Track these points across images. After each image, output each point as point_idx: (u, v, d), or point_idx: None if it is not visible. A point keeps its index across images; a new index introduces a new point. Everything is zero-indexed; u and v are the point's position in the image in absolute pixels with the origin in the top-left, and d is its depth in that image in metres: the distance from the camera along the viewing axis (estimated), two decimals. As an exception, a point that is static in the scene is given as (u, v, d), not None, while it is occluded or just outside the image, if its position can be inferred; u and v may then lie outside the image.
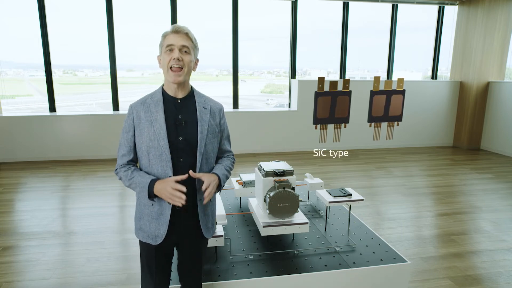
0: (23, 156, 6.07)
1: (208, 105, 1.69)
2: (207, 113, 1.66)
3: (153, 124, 1.58)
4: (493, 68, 7.04)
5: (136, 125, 1.61)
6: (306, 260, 2.25)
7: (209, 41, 7.17)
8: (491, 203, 4.39)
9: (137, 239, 1.73)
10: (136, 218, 1.70)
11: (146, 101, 1.63)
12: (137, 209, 1.70)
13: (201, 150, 1.60)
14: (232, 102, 6.93)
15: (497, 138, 7.01)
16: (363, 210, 4.08)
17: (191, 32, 1.61)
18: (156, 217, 1.61)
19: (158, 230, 1.61)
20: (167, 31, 1.59)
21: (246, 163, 6.06)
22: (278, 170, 2.29)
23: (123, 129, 1.65)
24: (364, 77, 8.07)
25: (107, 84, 6.42)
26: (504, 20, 6.74)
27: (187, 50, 1.57)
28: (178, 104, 1.63)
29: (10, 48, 6.51)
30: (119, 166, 1.65)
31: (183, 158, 1.59)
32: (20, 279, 2.73)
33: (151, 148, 1.57)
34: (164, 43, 1.58)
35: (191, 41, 1.59)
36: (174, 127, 1.59)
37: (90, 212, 3.97)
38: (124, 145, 1.64)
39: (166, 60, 1.56)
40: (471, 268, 2.94)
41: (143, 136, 1.59)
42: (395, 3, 7.11)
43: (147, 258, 1.70)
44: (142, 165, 1.65)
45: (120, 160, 1.66)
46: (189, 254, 1.73)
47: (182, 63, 1.56)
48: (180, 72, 1.56)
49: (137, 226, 1.69)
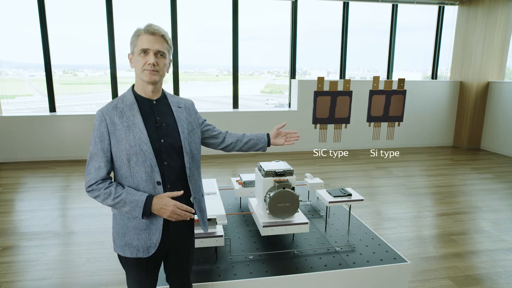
0: (23, 156, 6.07)
1: (182, 104, 1.65)
2: (183, 112, 1.62)
3: (131, 129, 1.46)
4: (493, 68, 7.04)
5: (111, 132, 1.46)
6: (306, 260, 2.25)
7: (209, 41, 7.18)
8: (491, 203, 4.39)
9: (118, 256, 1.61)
10: (118, 234, 1.54)
11: (118, 105, 1.50)
12: (118, 224, 1.54)
13: (187, 150, 1.57)
14: (232, 102, 6.93)
15: (497, 138, 7.01)
16: (363, 210, 4.08)
17: (167, 33, 1.51)
18: (145, 227, 1.51)
19: (150, 240, 1.51)
20: (140, 30, 1.48)
21: (246, 163, 6.06)
22: (278, 170, 2.29)
23: (94, 139, 1.47)
24: (364, 77, 8.07)
25: (107, 84, 6.42)
26: (504, 20, 6.74)
27: (162, 54, 1.49)
28: (155, 106, 1.55)
29: (10, 48, 6.51)
30: (96, 183, 1.45)
31: (167, 161, 1.52)
32: (20, 279, 2.73)
33: (132, 155, 1.46)
34: (138, 44, 1.47)
35: (167, 43, 1.51)
36: (155, 129, 1.51)
37: (90, 212, 3.97)
38: (99, 156, 1.46)
39: (140, 63, 1.47)
40: (471, 268, 2.94)
41: (121, 144, 1.45)
42: (395, 3, 7.11)
43: (136, 273, 1.59)
44: (121, 176, 1.50)
45: (94, 174, 1.45)
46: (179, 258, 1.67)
47: (158, 68, 1.48)
48: (156, 72, 1.49)
49: (121, 243, 1.53)
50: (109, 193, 1.44)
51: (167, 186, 1.53)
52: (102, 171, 1.46)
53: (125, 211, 1.47)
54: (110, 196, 1.44)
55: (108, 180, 1.48)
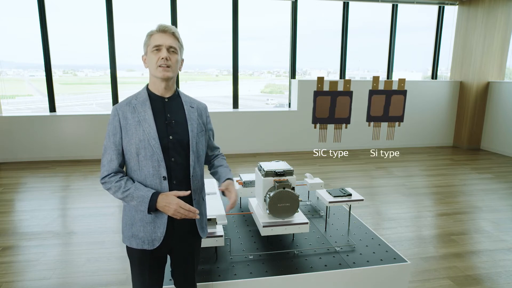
0: (23, 156, 6.07)
1: (195, 104, 1.69)
2: (194, 112, 1.65)
3: (141, 124, 1.53)
4: (493, 68, 7.04)
5: (122, 126, 1.54)
6: (306, 260, 2.25)
7: (209, 41, 7.17)
8: (491, 203, 4.39)
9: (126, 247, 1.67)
10: (126, 225, 1.62)
11: (131, 101, 1.57)
12: (127, 215, 1.62)
13: (193, 149, 1.60)
14: (232, 102, 6.93)
15: (497, 138, 7.01)
16: (363, 210, 4.08)
17: (177, 31, 1.58)
18: (151, 220, 1.56)
19: (155, 233, 1.56)
20: (152, 30, 1.55)
21: (246, 163, 6.06)
22: (278, 170, 2.29)
23: (108, 133, 1.56)
24: (364, 77, 8.07)
25: (107, 84, 6.42)
26: (504, 20, 6.74)
27: (174, 50, 1.55)
28: (166, 103, 1.60)
29: (10, 48, 6.52)
30: (108, 176, 1.54)
31: (174, 158, 1.56)
32: (20, 279, 2.73)
33: (141, 149, 1.52)
34: (151, 42, 1.54)
35: (178, 41, 1.58)
36: (164, 126, 1.56)
37: (90, 212, 3.97)
38: (112, 149, 1.54)
39: (153, 60, 1.53)
40: (471, 268, 2.94)
41: (131, 138, 1.53)
42: (395, 3, 7.11)
43: (139, 267, 1.64)
44: (130, 169, 1.57)
45: (107, 166, 1.55)
46: (184, 256, 1.70)
47: (170, 62, 1.53)
48: (169, 68, 1.54)
49: (128, 233, 1.61)
50: (119, 187, 1.52)
51: (173, 182, 1.56)
52: (113, 164, 1.55)
53: (133, 205, 1.54)
54: (120, 189, 1.52)
55: (119, 174, 1.56)
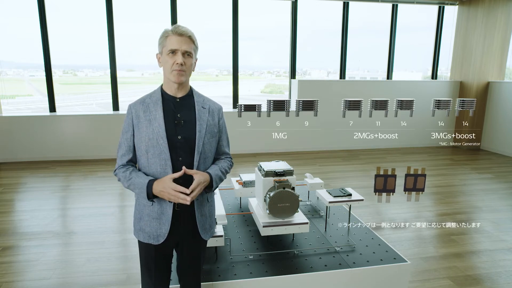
0: (23, 156, 6.06)
1: (207, 105, 1.69)
2: (205, 113, 1.66)
3: (151, 123, 1.57)
4: (493, 68, 7.03)
5: (135, 124, 1.61)
6: (306, 260, 2.25)
7: (209, 41, 7.17)
8: (491, 203, 4.39)
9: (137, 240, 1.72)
10: (135, 219, 1.69)
11: (145, 100, 1.63)
12: (137, 209, 1.68)
13: (199, 149, 1.61)
14: (232, 102, 6.93)
15: (497, 138, 7.01)
16: (363, 210, 4.08)
17: (193, 34, 1.59)
18: (157, 216, 1.61)
19: (160, 229, 1.61)
20: (168, 31, 1.56)
21: (246, 163, 6.05)
22: (278, 170, 2.28)
23: (123, 130, 1.65)
24: (364, 77, 8.07)
25: (107, 84, 6.42)
26: (504, 20, 6.74)
27: (189, 53, 1.57)
28: (177, 103, 1.63)
29: (10, 48, 6.52)
30: (118, 167, 1.64)
31: (182, 157, 1.59)
32: (20, 279, 2.73)
33: (150, 147, 1.57)
34: (167, 44, 1.56)
35: (193, 43, 1.59)
36: (173, 126, 1.59)
37: (90, 212, 3.97)
38: (124, 145, 1.64)
39: (169, 63, 1.56)
40: (471, 268, 2.94)
41: (141, 135, 1.58)
42: (395, 3, 7.11)
43: (146, 259, 1.70)
44: (141, 165, 1.64)
45: (119, 160, 1.65)
46: (188, 254, 1.72)
47: (185, 67, 1.56)
48: (183, 72, 1.57)
49: (137, 227, 1.67)
50: (125, 176, 1.60)
51: (179, 181, 1.56)
52: (124, 158, 1.64)
53: (137, 194, 1.61)
54: (126, 178, 1.60)
55: (127, 166, 1.64)
